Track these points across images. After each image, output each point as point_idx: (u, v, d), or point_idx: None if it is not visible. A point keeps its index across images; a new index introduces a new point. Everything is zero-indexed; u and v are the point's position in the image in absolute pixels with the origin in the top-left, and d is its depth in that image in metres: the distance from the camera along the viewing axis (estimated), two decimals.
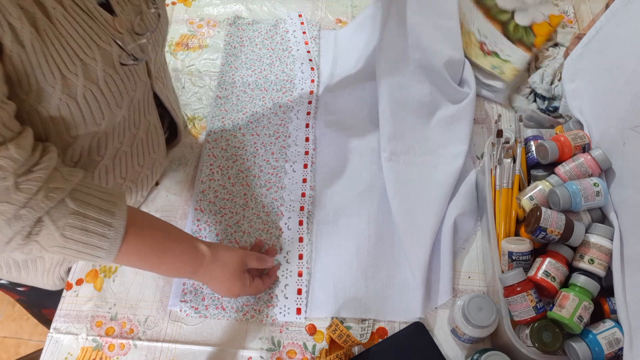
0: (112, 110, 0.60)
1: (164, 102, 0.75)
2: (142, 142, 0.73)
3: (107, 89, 0.57)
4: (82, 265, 0.79)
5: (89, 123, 0.58)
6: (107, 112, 0.59)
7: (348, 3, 1.12)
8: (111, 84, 0.57)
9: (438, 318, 0.74)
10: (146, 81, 0.67)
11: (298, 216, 0.82)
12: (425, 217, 0.79)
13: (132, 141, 0.70)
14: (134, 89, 0.63)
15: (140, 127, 0.70)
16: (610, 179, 0.70)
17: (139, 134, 0.71)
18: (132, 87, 0.62)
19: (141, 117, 0.70)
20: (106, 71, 0.55)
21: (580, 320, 0.61)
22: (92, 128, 0.59)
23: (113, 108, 0.60)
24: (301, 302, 0.74)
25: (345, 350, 0.69)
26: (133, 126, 0.69)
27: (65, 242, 0.52)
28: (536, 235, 0.65)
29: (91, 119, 0.57)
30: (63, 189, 0.51)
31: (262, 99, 0.95)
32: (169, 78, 0.79)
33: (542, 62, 0.97)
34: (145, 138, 0.73)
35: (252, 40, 1.04)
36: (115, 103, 0.59)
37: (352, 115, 0.93)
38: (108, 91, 0.57)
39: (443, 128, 0.89)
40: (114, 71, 0.57)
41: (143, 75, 0.65)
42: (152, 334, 0.73)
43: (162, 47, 0.71)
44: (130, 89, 0.62)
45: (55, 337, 0.73)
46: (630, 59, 0.68)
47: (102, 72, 0.55)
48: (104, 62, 0.55)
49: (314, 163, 0.88)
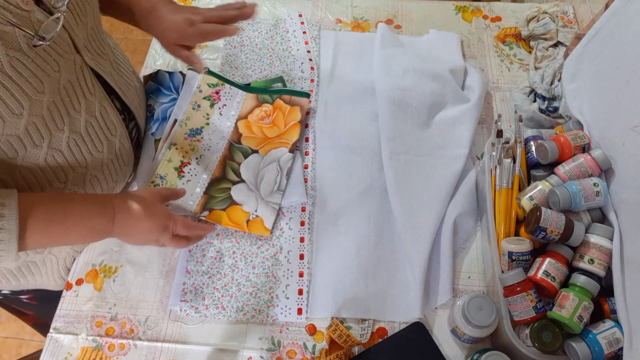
0: (31, 97, 0.54)
1: (107, 79, 0.69)
2: (92, 126, 0.67)
3: (18, 74, 0.52)
4: (82, 265, 0.79)
5: (6, 115, 0.53)
6: (25, 100, 0.54)
7: (348, 3, 1.12)
8: (21, 69, 0.52)
9: (438, 318, 0.74)
10: (74, 58, 0.61)
11: (299, 217, 0.82)
12: (426, 216, 0.79)
13: (80, 126, 0.65)
14: (56, 69, 0.57)
15: (82, 109, 0.65)
16: (610, 179, 0.70)
17: (85, 117, 0.65)
18: (53, 68, 0.57)
19: (80, 99, 0.64)
20: (11, 55, 0.51)
21: (580, 320, 0.61)
22: (11, 119, 0.54)
23: (32, 94, 0.54)
24: (302, 303, 0.74)
25: (345, 350, 0.69)
26: (73, 109, 0.63)
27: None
28: (536, 235, 0.65)
29: (6, 111, 0.52)
30: None
31: None
32: (113, 52, 0.73)
33: (542, 62, 0.98)
34: (94, 121, 0.67)
35: (252, 40, 1.04)
36: (33, 88, 0.54)
37: (352, 115, 0.93)
38: (19, 77, 0.52)
39: (443, 130, 0.89)
40: (21, 54, 0.52)
41: (68, 52, 0.59)
42: (152, 334, 0.73)
43: (90, 15, 0.65)
44: (51, 69, 0.56)
45: (55, 337, 0.73)
46: (630, 59, 0.68)
47: (6, 56, 0.50)
48: (7, 45, 0.50)
49: (314, 163, 0.88)
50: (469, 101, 0.91)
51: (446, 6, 1.11)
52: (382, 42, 0.98)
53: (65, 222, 0.57)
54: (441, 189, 0.82)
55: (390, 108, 0.88)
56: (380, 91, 0.90)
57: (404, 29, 1.07)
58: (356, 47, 1.03)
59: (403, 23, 1.08)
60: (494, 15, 1.09)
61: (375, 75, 0.94)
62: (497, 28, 1.07)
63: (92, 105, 0.67)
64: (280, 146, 0.86)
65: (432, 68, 0.92)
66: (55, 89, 0.59)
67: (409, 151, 0.86)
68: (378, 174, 0.85)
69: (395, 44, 1.00)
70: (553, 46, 0.99)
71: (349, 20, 1.09)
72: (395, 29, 1.07)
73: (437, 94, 0.90)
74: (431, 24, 1.08)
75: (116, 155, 0.74)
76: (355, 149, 0.88)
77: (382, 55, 0.96)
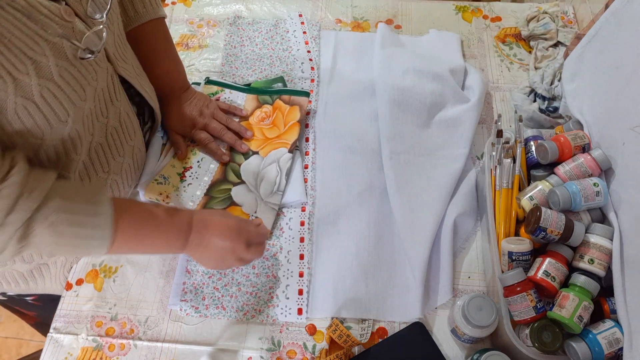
0: (75, 105, 0.57)
1: (134, 84, 0.72)
2: (115, 131, 0.69)
3: (65, 83, 0.54)
4: (82, 265, 0.79)
5: (53, 122, 0.55)
6: (71, 108, 0.56)
7: (348, 3, 1.12)
8: (69, 78, 0.54)
9: (438, 318, 0.74)
10: (107, 66, 0.64)
11: (299, 217, 0.82)
12: (426, 216, 0.79)
13: (105, 131, 0.67)
14: (95, 78, 0.60)
15: (109, 115, 0.67)
16: (610, 179, 0.70)
17: (111, 123, 0.68)
18: (93, 77, 0.59)
19: (108, 105, 0.66)
20: (60, 65, 0.53)
21: (580, 320, 0.61)
22: (58, 126, 0.56)
23: (76, 102, 0.57)
24: (302, 303, 0.74)
25: (345, 350, 0.69)
26: (102, 115, 0.65)
27: (58, 238, 0.52)
28: (536, 235, 0.65)
29: (54, 118, 0.55)
30: (42, 188, 0.51)
31: None
32: (133, 57, 0.75)
33: (542, 62, 0.98)
34: (118, 126, 0.70)
35: (252, 40, 1.04)
36: (77, 96, 0.57)
37: (352, 115, 0.93)
38: (67, 85, 0.54)
39: (443, 130, 0.89)
40: (68, 64, 0.54)
41: (102, 61, 0.62)
42: (153, 334, 0.73)
43: (116, 23, 0.67)
44: (91, 79, 0.59)
45: (55, 337, 0.73)
46: (630, 59, 0.68)
47: (56, 66, 0.52)
48: (56, 56, 0.52)
49: (314, 163, 0.88)
50: (469, 101, 0.91)
51: (446, 6, 1.12)
52: (382, 42, 0.98)
53: (152, 233, 0.61)
54: (441, 189, 0.82)
55: (390, 108, 0.88)
56: (380, 91, 0.91)
57: (404, 29, 1.07)
58: (356, 47, 1.03)
59: (403, 23, 1.08)
60: (494, 15, 1.09)
61: (375, 75, 0.94)
62: (497, 28, 1.07)
63: (117, 111, 0.69)
64: (280, 146, 0.86)
65: (432, 68, 0.92)
66: (93, 97, 0.61)
67: (409, 151, 0.86)
68: (378, 174, 0.85)
69: (395, 44, 1.00)
70: (553, 46, 0.99)
71: (349, 20, 1.09)
72: (395, 29, 1.07)
73: (437, 94, 0.90)
74: (431, 24, 1.08)
75: (133, 159, 0.76)
76: (355, 149, 0.88)
77: (382, 55, 0.96)
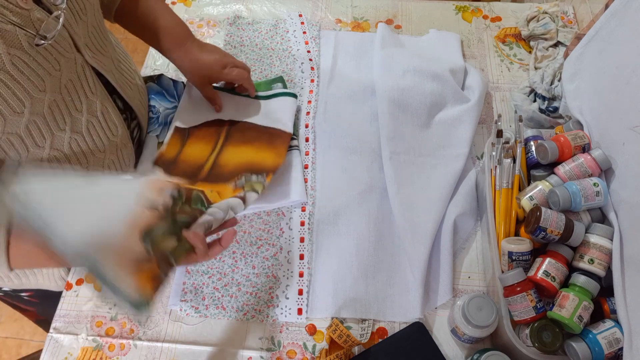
0: (32, 96, 0.54)
1: (108, 77, 0.69)
2: (94, 126, 0.67)
3: (19, 73, 0.52)
4: None
5: (7, 112, 0.53)
6: (27, 99, 0.54)
7: (348, 3, 1.12)
8: (23, 67, 0.52)
9: (438, 318, 0.74)
10: (74, 56, 0.61)
11: (299, 217, 0.82)
12: (426, 216, 0.79)
13: (82, 126, 0.65)
14: (57, 68, 0.57)
15: (84, 109, 0.64)
16: (610, 179, 0.70)
17: (87, 117, 0.65)
18: (54, 67, 0.56)
19: (82, 98, 0.63)
20: (13, 53, 0.51)
21: (580, 320, 0.61)
22: (13, 117, 0.54)
23: (34, 93, 0.54)
24: (302, 303, 0.74)
25: (345, 350, 0.69)
26: (74, 109, 0.62)
27: None
28: (536, 235, 0.65)
29: (7, 108, 0.52)
30: None
31: None
32: (115, 49, 0.73)
33: (542, 62, 0.98)
34: (97, 122, 0.67)
35: (252, 40, 1.04)
36: (34, 87, 0.54)
37: (352, 115, 0.93)
38: (21, 75, 0.52)
39: (443, 130, 0.89)
40: (22, 52, 0.52)
41: (69, 51, 0.59)
42: (152, 334, 0.73)
43: (91, 13, 0.64)
44: (52, 69, 0.56)
45: (55, 337, 0.73)
46: (630, 59, 0.68)
47: (8, 55, 0.50)
48: (8, 44, 0.50)
49: (314, 163, 0.88)
50: (469, 101, 0.91)
51: (446, 6, 1.12)
52: (382, 42, 0.98)
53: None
54: (441, 189, 0.82)
55: (390, 108, 0.88)
56: (380, 91, 0.90)
57: (404, 29, 1.07)
58: (356, 47, 1.03)
59: (403, 23, 1.08)
60: (494, 15, 1.09)
61: (375, 75, 0.94)
62: (497, 28, 1.07)
63: (94, 105, 0.66)
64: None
65: (432, 68, 0.92)
66: (57, 88, 0.58)
67: (409, 151, 0.86)
68: (378, 174, 0.85)
69: (395, 44, 1.00)
70: (553, 46, 0.99)
71: (349, 20, 1.09)
72: (395, 29, 1.07)
73: (437, 94, 0.90)
74: (431, 24, 1.08)
75: (117, 155, 0.74)
76: (355, 149, 0.88)
77: (382, 55, 0.96)
